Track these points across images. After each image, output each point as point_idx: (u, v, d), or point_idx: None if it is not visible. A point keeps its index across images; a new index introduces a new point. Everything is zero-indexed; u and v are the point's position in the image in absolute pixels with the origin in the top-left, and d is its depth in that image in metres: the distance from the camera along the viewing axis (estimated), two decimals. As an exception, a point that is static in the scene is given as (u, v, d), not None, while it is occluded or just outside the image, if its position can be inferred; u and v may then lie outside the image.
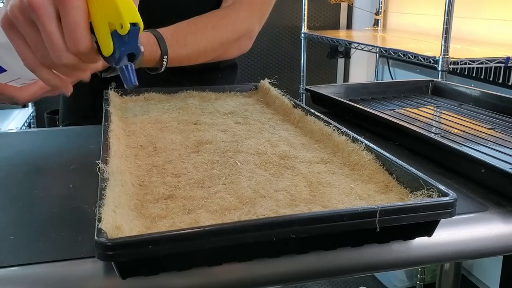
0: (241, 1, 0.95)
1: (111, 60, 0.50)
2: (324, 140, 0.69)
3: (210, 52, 0.91)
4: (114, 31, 0.48)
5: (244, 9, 0.95)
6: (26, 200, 0.58)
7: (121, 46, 0.49)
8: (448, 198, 0.47)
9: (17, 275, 0.45)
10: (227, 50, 0.96)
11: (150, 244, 0.40)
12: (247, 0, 0.95)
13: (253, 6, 0.95)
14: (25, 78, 0.64)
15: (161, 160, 0.63)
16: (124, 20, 0.47)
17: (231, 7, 0.95)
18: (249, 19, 0.95)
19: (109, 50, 0.49)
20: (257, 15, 0.97)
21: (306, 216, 0.44)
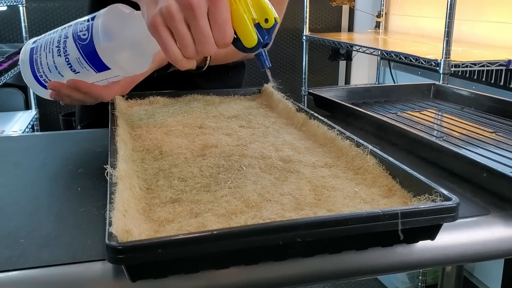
0: None
1: (249, 49, 0.57)
2: (328, 144, 0.70)
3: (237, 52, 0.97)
4: (257, 24, 0.56)
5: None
6: (35, 204, 0.59)
7: (264, 36, 0.56)
8: (451, 202, 0.47)
9: (28, 278, 0.46)
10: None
11: (159, 248, 0.41)
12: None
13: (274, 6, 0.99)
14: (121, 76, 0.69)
15: (167, 164, 0.64)
16: (271, 16, 0.56)
17: None
18: None
19: (252, 42, 0.56)
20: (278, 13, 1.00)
21: (311, 220, 0.45)
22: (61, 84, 0.70)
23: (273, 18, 0.56)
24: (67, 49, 0.66)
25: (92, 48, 0.64)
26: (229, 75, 1.12)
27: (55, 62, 0.67)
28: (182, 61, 0.58)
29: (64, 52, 0.66)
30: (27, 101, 2.65)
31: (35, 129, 2.57)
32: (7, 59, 2.08)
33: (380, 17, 2.90)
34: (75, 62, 0.66)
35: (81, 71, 0.67)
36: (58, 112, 2.85)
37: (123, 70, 0.67)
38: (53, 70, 0.68)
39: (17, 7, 2.50)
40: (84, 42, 0.64)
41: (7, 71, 2.05)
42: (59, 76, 0.68)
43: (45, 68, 0.69)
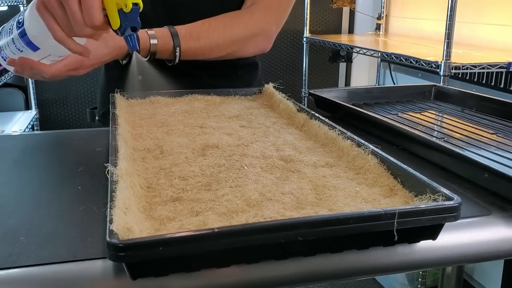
0: (257, 3, 1.01)
1: (118, 32, 0.65)
2: (328, 144, 0.70)
3: (223, 48, 0.98)
4: (120, 9, 0.63)
5: (259, 10, 1.00)
6: (36, 202, 0.58)
7: (125, 20, 0.64)
8: (453, 202, 0.47)
9: (28, 275, 0.46)
10: (241, 47, 1.01)
11: (160, 246, 0.41)
12: (263, 2, 1.00)
13: (268, 8, 1.01)
14: (54, 55, 0.77)
15: (168, 163, 0.63)
16: (127, 1, 0.62)
17: (246, 9, 1.01)
18: (264, 20, 1.01)
19: (116, 24, 0.64)
20: (273, 16, 1.03)
21: (313, 219, 0.45)
22: (14, 60, 0.80)
23: (130, 3, 0.63)
24: (12, 32, 0.76)
25: (24, 31, 0.73)
26: (239, 74, 1.12)
27: (7, 42, 0.78)
28: (66, 40, 0.68)
29: (11, 33, 0.76)
30: (27, 101, 2.64)
31: (35, 129, 2.57)
32: (7, 59, 2.07)
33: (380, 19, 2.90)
34: (17, 42, 0.76)
35: (24, 50, 0.76)
36: (58, 112, 2.85)
37: (51, 50, 0.75)
38: (7, 48, 0.79)
39: (17, 7, 2.51)
40: (20, 25, 0.74)
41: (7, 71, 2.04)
42: (11, 54, 0.79)
43: (3, 47, 0.80)
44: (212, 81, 1.05)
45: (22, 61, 0.78)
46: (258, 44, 1.03)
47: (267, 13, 1.01)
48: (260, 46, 1.04)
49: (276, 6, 1.02)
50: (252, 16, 1.00)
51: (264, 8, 1.01)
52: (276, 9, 1.02)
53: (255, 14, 1.00)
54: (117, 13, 0.63)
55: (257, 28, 1.00)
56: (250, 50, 1.04)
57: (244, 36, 1.00)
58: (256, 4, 1.01)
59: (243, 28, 0.99)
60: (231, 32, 0.98)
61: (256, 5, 1.01)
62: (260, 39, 1.03)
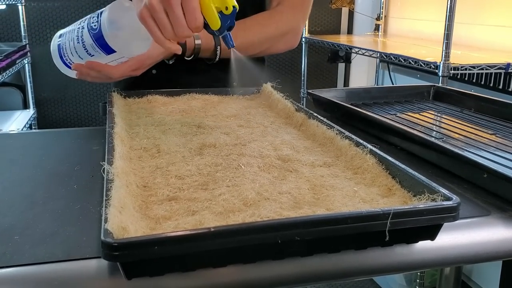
0: (284, 3, 1.07)
1: (216, 32, 0.71)
2: (327, 143, 0.69)
3: (258, 46, 1.05)
4: (220, 12, 0.70)
5: (287, 9, 1.07)
6: (31, 200, 0.58)
7: (225, 21, 0.70)
8: (452, 202, 0.47)
9: (22, 275, 0.45)
10: (274, 45, 1.08)
11: (156, 245, 0.40)
12: (289, 2, 1.07)
13: (295, 6, 1.08)
14: (127, 57, 0.84)
15: (164, 162, 0.63)
16: (229, 4, 0.69)
17: (275, 9, 1.08)
18: (293, 18, 1.08)
19: (217, 25, 0.70)
20: (300, 14, 1.10)
21: (310, 218, 0.44)
22: (81, 64, 0.85)
23: (231, 6, 0.69)
24: (83, 37, 0.81)
25: (101, 35, 0.79)
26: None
27: (75, 48, 0.83)
28: (165, 42, 0.72)
29: (81, 40, 0.81)
30: (25, 100, 2.64)
31: (32, 129, 2.56)
32: (5, 57, 2.07)
33: (379, 20, 2.90)
34: (89, 47, 0.81)
35: (95, 54, 0.82)
36: (56, 112, 2.84)
37: (126, 51, 0.82)
38: (74, 54, 0.84)
39: (16, 6, 2.50)
40: (95, 31, 0.79)
41: (5, 69, 2.04)
42: (79, 59, 0.84)
43: (68, 53, 0.85)
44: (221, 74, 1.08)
45: (91, 65, 0.84)
46: (288, 41, 1.10)
47: (294, 12, 1.08)
48: (290, 43, 1.10)
49: (301, 3, 1.09)
50: (282, 16, 1.07)
51: (291, 7, 1.08)
52: (301, 6, 1.09)
53: (284, 13, 1.07)
54: (216, 15, 0.69)
55: (287, 27, 1.07)
56: (281, 47, 1.10)
57: (277, 35, 1.06)
58: (282, 4, 1.08)
59: (275, 27, 1.06)
60: (265, 32, 1.05)
61: (283, 5, 1.07)
62: (290, 36, 1.09)
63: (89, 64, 0.83)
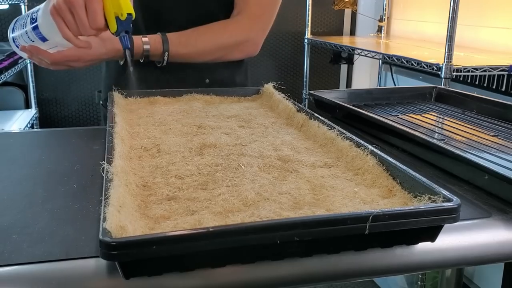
0: (243, 13, 1.09)
1: (114, 34, 0.80)
2: (327, 144, 0.69)
3: (209, 54, 1.07)
4: (117, 17, 0.79)
5: (245, 20, 1.09)
6: (30, 199, 0.58)
7: (121, 25, 0.80)
8: (452, 203, 0.47)
9: (20, 274, 0.45)
10: (228, 53, 1.10)
11: (154, 245, 0.40)
12: (248, 12, 1.09)
13: (253, 17, 1.09)
14: (60, 47, 0.92)
15: (164, 161, 0.63)
16: (123, 11, 0.79)
17: (233, 18, 1.10)
18: (249, 29, 1.09)
19: (114, 28, 0.80)
20: (258, 25, 1.11)
21: (310, 219, 0.44)
22: (24, 47, 0.94)
23: (125, 13, 0.79)
24: (26, 26, 0.91)
25: (37, 25, 0.88)
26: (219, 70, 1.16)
27: (21, 33, 0.93)
28: (71, 38, 0.82)
29: (25, 26, 0.91)
30: (27, 100, 2.64)
31: (34, 128, 2.57)
32: (7, 57, 2.07)
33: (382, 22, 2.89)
34: (30, 33, 0.90)
35: (35, 40, 0.91)
36: (58, 111, 2.84)
37: (56, 42, 0.89)
38: (21, 38, 0.93)
39: (18, 6, 2.50)
40: (33, 20, 0.89)
41: (8, 69, 2.04)
42: (24, 43, 0.93)
43: (18, 36, 0.94)
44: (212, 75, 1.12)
45: (31, 48, 0.93)
46: (245, 50, 1.11)
47: (252, 22, 1.09)
48: (246, 51, 1.12)
49: (260, 15, 1.10)
50: (238, 25, 1.09)
51: (249, 17, 1.09)
52: (260, 17, 1.10)
53: (240, 23, 1.09)
54: (114, 20, 0.79)
55: (242, 37, 1.09)
56: (237, 55, 1.12)
57: (230, 44, 1.08)
58: (241, 14, 1.09)
59: (229, 36, 1.07)
60: (217, 40, 1.06)
61: (242, 14, 1.09)
62: (246, 45, 1.10)
63: (30, 47, 0.93)
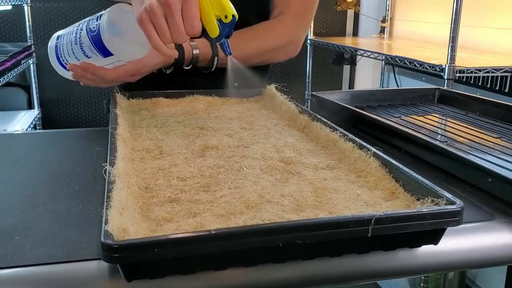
0: (286, 13, 1.05)
1: (213, 39, 0.72)
2: (330, 146, 0.69)
3: (256, 57, 1.04)
4: (219, 20, 0.71)
5: (289, 20, 1.06)
6: (32, 201, 0.58)
7: (224, 29, 0.71)
8: (455, 206, 0.46)
9: (22, 276, 0.45)
10: (274, 56, 1.07)
11: (156, 247, 0.40)
12: (291, 12, 1.05)
13: (296, 17, 1.06)
14: (123, 61, 0.84)
15: (167, 163, 0.63)
16: (229, 13, 0.70)
17: (277, 19, 1.06)
18: (294, 29, 1.07)
19: (216, 33, 0.71)
20: (302, 24, 1.08)
21: (312, 222, 0.44)
22: (75, 65, 0.84)
23: (231, 14, 0.70)
24: (81, 39, 0.81)
25: (99, 37, 0.79)
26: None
27: (73, 49, 0.83)
28: (162, 48, 0.72)
29: (79, 41, 0.81)
30: (30, 100, 2.64)
31: (37, 129, 2.57)
32: (10, 58, 2.07)
33: (385, 22, 2.89)
34: (87, 49, 0.81)
35: (92, 56, 0.81)
36: (61, 112, 2.85)
37: (123, 55, 0.82)
38: (71, 55, 0.84)
39: (21, 7, 2.51)
40: (93, 33, 0.79)
41: (10, 70, 2.05)
42: (75, 60, 0.84)
43: (65, 54, 0.85)
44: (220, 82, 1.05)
45: (85, 66, 0.83)
46: (289, 51, 1.08)
47: (296, 22, 1.06)
48: (290, 53, 1.09)
49: (303, 13, 1.07)
50: (283, 26, 1.05)
51: (293, 17, 1.06)
52: (304, 16, 1.07)
53: (285, 24, 1.05)
54: (215, 23, 0.70)
55: (288, 38, 1.06)
56: (281, 57, 1.09)
57: (277, 46, 1.05)
58: (284, 14, 1.05)
59: (276, 38, 1.04)
60: (265, 43, 1.03)
61: (285, 14, 1.05)
62: (291, 46, 1.08)
63: (83, 65, 0.83)
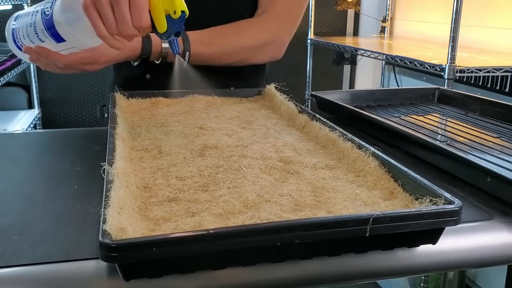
0: (269, 11, 1.00)
1: (162, 35, 0.68)
2: (329, 146, 0.69)
3: (233, 55, 0.99)
4: (168, 15, 0.66)
5: (271, 19, 1.01)
6: (31, 201, 0.58)
7: (173, 26, 0.67)
8: (454, 206, 0.46)
9: (20, 275, 0.45)
10: (253, 55, 1.02)
11: (154, 246, 0.40)
12: (275, 11, 1.00)
13: (280, 16, 1.01)
14: (77, 48, 0.80)
15: (166, 163, 0.63)
16: (177, 8, 0.66)
17: (258, 17, 1.01)
18: (275, 29, 1.01)
19: (163, 28, 0.67)
20: (285, 25, 1.03)
21: (310, 221, 0.44)
22: (30, 48, 0.81)
23: (179, 10, 0.66)
24: (35, 22, 0.77)
25: (51, 22, 0.75)
26: (245, 74, 1.10)
27: (28, 31, 0.80)
28: (108, 38, 0.69)
29: (33, 24, 0.78)
30: (30, 100, 2.64)
31: (37, 129, 2.57)
32: (10, 57, 2.08)
33: (385, 22, 2.89)
34: (40, 32, 0.77)
35: (46, 40, 0.78)
36: (61, 112, 2.85)
37: (76, 43, 0.78)
38: (26, 37, 0.81)
39: (22, 6, 2.51)
40: (47, 17, 0.75)
41: (10, 69, 2.05)
42: (30, 43, 0.81)
43: (21, 36, 0.82)
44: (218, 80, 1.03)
45: (39, 49, 0.80)
46: (270, 52, 1.04)
47: (278, 22, 1.01)
48: (271, 54, 1.05)
49: (287, 14, 1.02)
50: (264, 25, 1.00)
51: (276, 17, 1.00)
52: (287, 17, 1.02)
53: (266, 23, 1.00)
54: (164, 18, 0.66)
55: (268, 37, 1.01)
56: (261, 58, 1.05)
57: (255, 45, 1.00)
58: (267, 13, 1.00)
59: (254, 37, 0.99)
60: (241, 40, 0.98)
61: (268, 13, 1.00)
62: (271, 47, 1.03)
63: (37, 48, 0.80)
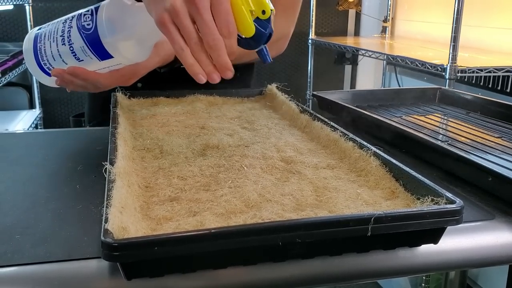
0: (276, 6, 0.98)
1: (249, 42, 0.58)
2: (330, 145, 0.69)
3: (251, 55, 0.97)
4: (256, 18, 0.57)
5: (280, 13, 0.99)
6: (33, 200, 0.58)
7: (264, 28, 0.58)
8: (455, 205, 0.46)
9: (22, 274, 0.45)
10: None
11: (156, 246, 0.40)
12: (281, 3, 0.98)
13: (286, 9, 1.00)
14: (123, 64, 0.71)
15: (167, 162, 0.63)
16: (267, 8, 0.57)
17: None
18: (286, 24, 1.01)
19: (251, 32, 0.57)
20: (291, 18, 1.03)
21: (312, 220, 0.44)
22: (62, 70, 0.73)
23: (269, 9, 0.58)
24: (71, 39, 0.69)
25: (96, 37, 0.66)
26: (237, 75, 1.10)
27: (59, 51, 0.70)
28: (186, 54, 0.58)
29: (68, 41, 0.69)
30: (31, 100, 2.65)
31: (38, 128, 2.57)
32: (12, 57, 2.08)
33: (386, 22, 2.89)
34: (79, 50, 0.68)
35: (85, 59, 0.69)
36: (62, 112, 2.85)
37: (125, 58, 0.70)
38: (57, 58, 0.71)
39: (23, 7, 2.51)
40: (88, 31, 0.67)
41: (12, 69, 2.05)
42: (63, 64, 0.71)
43: (49, 57, 0.72)
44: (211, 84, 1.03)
45: (75, 71, 0.71)
46: (279, 47, 1.04)
47: (286, 16, 1.01)
48: (280, 48, 1.04)
49: (292, 5, 1.01)
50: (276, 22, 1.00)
51: (282, 10, 1.00)
52: (292, 9, 1.02)
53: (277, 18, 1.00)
54: (251, 20, 0.57)
55: (280, 33, 1.00)
56: (272, 54, 1.01)
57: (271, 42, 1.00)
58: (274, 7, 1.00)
59: None
60: None
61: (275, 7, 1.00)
62: (281, 42, 1.03)
63: (72, 70, 0.71)
